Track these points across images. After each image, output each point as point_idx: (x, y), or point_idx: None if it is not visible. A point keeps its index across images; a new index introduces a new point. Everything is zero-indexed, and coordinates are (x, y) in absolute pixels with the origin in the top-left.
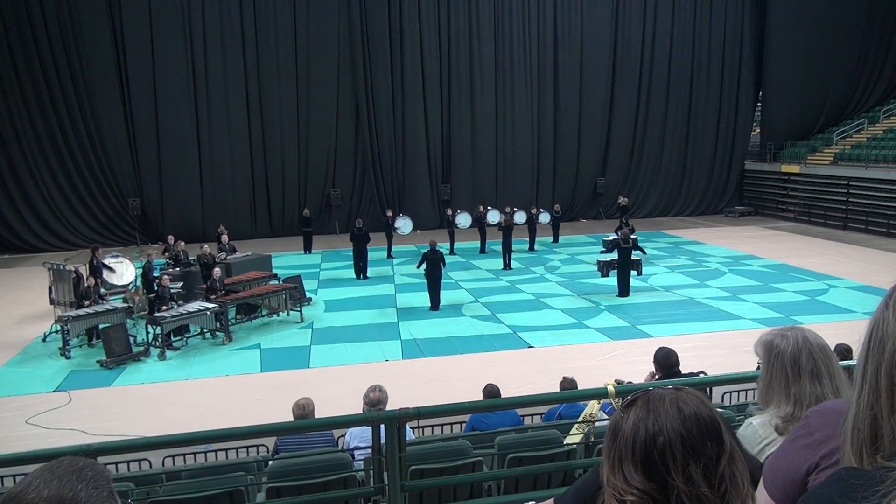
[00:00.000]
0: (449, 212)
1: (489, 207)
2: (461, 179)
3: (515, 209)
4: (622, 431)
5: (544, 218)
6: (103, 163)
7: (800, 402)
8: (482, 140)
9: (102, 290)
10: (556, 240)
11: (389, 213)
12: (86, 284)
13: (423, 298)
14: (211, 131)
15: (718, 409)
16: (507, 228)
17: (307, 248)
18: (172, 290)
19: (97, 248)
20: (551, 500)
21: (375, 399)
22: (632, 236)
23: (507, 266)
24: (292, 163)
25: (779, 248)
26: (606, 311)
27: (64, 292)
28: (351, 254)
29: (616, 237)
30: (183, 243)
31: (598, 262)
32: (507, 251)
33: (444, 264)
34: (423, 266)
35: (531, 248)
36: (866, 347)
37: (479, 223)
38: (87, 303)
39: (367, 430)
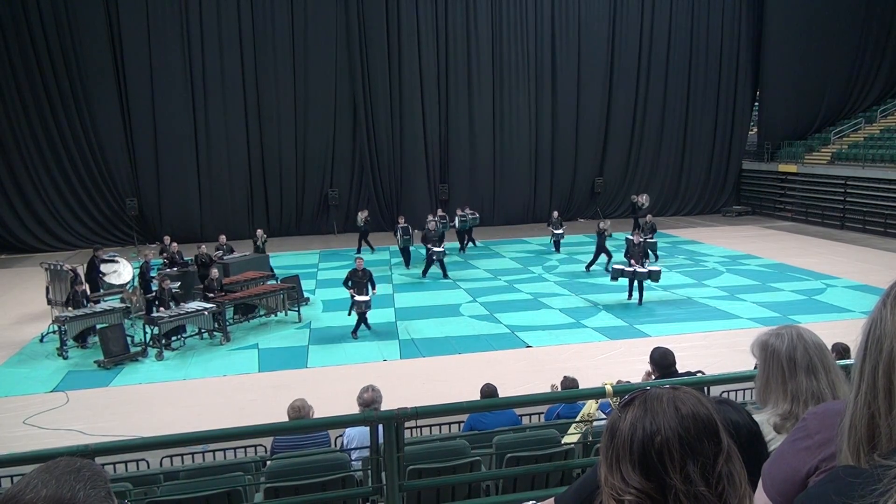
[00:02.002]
0: (440, 212)
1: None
2: (459, 179)
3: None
4: (620, 431)
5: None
6: (100, 162)
7: (797, 398)
8: (480, 140)
9: (101, 291)
10: (557, 249)
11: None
12: (73, 289)
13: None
14: (208, 131)
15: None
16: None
17: (370, 247)
18: (173, 290)
19: (98, 249)
20: (551, 499)
21: (369, 399)
22: (629, 236)
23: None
24: (290, 163)
25: (776, 247)
26: (604, 310)
27: (61, 292)
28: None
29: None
30: (176, 244)
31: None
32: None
33: (374, 286)
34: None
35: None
36: (864, 346)
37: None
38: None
39: (366, 431)
